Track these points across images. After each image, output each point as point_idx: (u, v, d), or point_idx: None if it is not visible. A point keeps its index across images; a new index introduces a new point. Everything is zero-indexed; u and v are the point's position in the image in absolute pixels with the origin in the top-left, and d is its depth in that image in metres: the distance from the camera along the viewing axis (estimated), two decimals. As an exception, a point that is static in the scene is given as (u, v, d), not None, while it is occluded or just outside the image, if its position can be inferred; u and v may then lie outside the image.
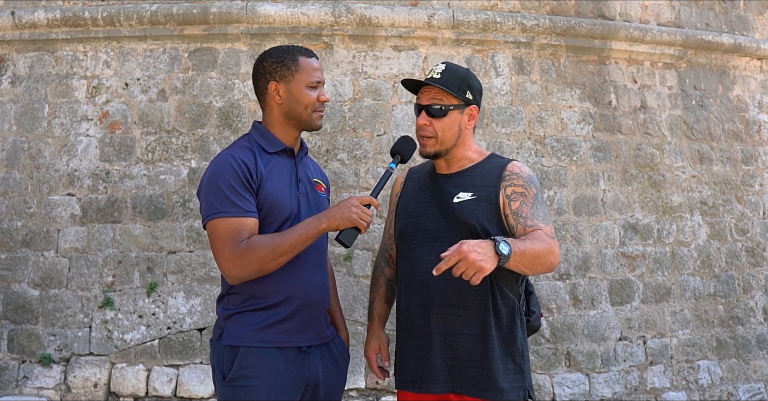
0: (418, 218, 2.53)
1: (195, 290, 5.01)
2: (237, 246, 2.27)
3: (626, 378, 5.29)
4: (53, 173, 5.26)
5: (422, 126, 2.51)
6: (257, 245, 2.27)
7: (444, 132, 2.50)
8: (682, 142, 6.05)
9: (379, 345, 2.59)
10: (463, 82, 2.52)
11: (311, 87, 2.47)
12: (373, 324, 2.65)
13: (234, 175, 2.33)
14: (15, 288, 5.09)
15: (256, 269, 2.29)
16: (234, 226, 2.29)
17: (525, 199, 2.45)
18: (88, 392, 4.86)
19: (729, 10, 6.61)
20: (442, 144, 2.52)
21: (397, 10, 5.39)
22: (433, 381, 2.41)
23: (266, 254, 2.27)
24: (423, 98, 2.54)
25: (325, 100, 2.49)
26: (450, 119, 2.51)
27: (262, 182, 2.37)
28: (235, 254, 2.28)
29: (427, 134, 2.51)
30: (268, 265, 2.29)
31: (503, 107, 5.52)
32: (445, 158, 2.57)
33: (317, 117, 2.49)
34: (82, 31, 5.43)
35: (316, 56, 2.55)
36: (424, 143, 2.53)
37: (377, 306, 2.67)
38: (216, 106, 5.30)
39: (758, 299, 6.01)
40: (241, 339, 2.34)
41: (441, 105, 2.50)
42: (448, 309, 2.41)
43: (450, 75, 2.52)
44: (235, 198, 2.30)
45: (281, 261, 2.30)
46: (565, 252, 5.33)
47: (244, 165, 2.35)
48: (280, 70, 2.47)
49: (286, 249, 2.28)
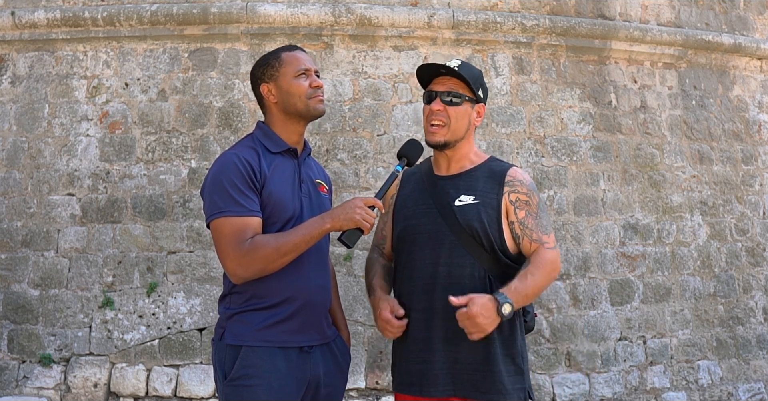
0: (418, 220, 2.52)
1: (195, 290, 5.01)
2: (241, 245, 2.28)
3: (626, 378, 5.29)
4: (53, 173, 5.26)
5: (436, 111, 2.50)
6: (261, 245, 2.27)
7: (457, 121, 2.50)
8: (682, 142, 6.05)
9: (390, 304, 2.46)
10: (477, 80, 2.55)
11: (299, 76, 2.48)
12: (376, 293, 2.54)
13: (238, 174, 2.33)
14: (15, 288, 5.09)
15: (260, 268, 2.29)
16: (238, 225, 2.29)
17: (530, 208, 2.48)
18: (88, 392, 4.86)
19: (729, 10, 6.61)
20: (453, 134, 2.51)
21: (397, 10, 5.39)
22: (434, 385, 2.40)
23: (270, 253, 2.27)
24: (440, 85, 2.54)
25: (317, 85, 2.47)
26: (463, 109, 2.52)
27: (265, 182, 2.38)
28: (239, 253, 2.28)
29: (439, 120, 2.50)
30: (272, 264, 2.29)
31: (503, 107, 5.53)
32: (448, 155, 2.55)
33: (315, 102, 2.47)
34: (82, 31, 5.43)
35: (301, 49, 2.57)
36: (435, 130, 2.51)
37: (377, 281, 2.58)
38: (216, 106, 5.30)
39: (758, 299, 6.01)
40: (243, 338, 2.35)
41: (459, 94, 2.51)
42: (449, 313, 2.41)
43: (467, 70, 2.53)
44: (239, 197, 2.31)
45: (285, 261, 2.30)
46: (565, 252, 5.33)
47: (248, 164, 2.35)
48: (267, 71, 2.51)
49: (290, 249, 2.29)
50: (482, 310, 2.26)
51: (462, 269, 2.43)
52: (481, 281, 2.42)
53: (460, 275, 2.42)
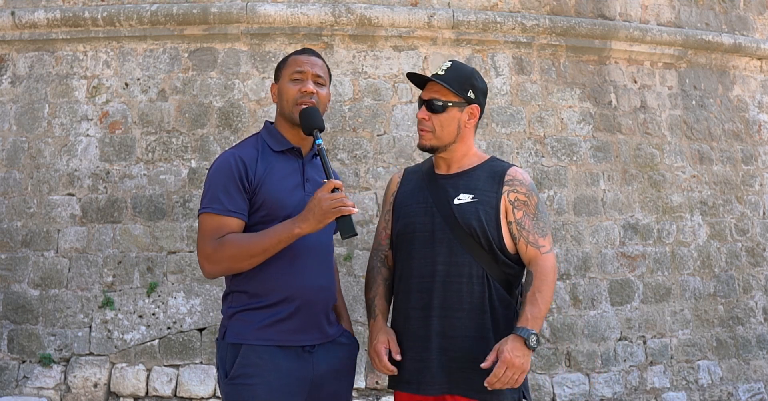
0: (417, 218, 2.52)
1: (195, 290, 5.01)
2: (212, 242, 2.32)
3: (626, 378, 5.28)
4: (53, 173, 5.26)
5: (421, 120, 2.55)
6: (230, 244, 2.30)
7: (442, 128, 2.52)
8: (682, 142, 6.05)
9: (388, 339, 2.51)
10: (466, 81, 2.54)
11: (293, 80, 2.47)
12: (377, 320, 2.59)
13: (229, 174, 2.36)
14: (15, 288, 5.09)
15: (227, 267, 2.33)
16: (215, 222, 2.34)
17: (528, 209, 2.49)
18: (88, 392, 4.86)
19: (729, 10, 6.61)
20: (439, 139, 2.53)
21: (397, 10, 5.39)
22: (430, 383, 2.41)
23: (237, 253, 2.30)
24: (426, 92, 2.57)
25: (305, 90, 2.43)
26: (448, 115, 2.53)
27: (261, 182, 2.38)
28: (209, 250, 2.32)
29: (425, 128, 2.54)
30: (240, 264, 2.32)
31: (503, 107, 5.53)
32: (444, 157, 2.57)
33: (297, 111, 2.43)
34: (82, 31, 5.43)
35: (314, 54, 2.55)
36: (422, 135, 2.56)
37: (378, 303, 2.62)
38: (216, 106, 5.30)
39: (758, 299, 6.01)
40: (243, 336, 2.35)
41: (440, 101, 2.52)
42: (447, 311, 2.41)
43: (454, 73, 2.54)
44: (222, 196, 2.34)
45: (254, 261, 2.31)
46: (565, 252, 5.33)
47: (242, 165, 2.37)
48: (276, 71, 2.57)
49: (258, 251, 2.29)
50: (514, 353, 2.29)
51: (460, 267, 2.43)
52: (479, 279, 2.43)
53: (458, 273, 2.43)
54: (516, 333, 2.33)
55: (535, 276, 2.44)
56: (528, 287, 2.43)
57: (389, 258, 2.68)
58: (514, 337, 2.33)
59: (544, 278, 2.43)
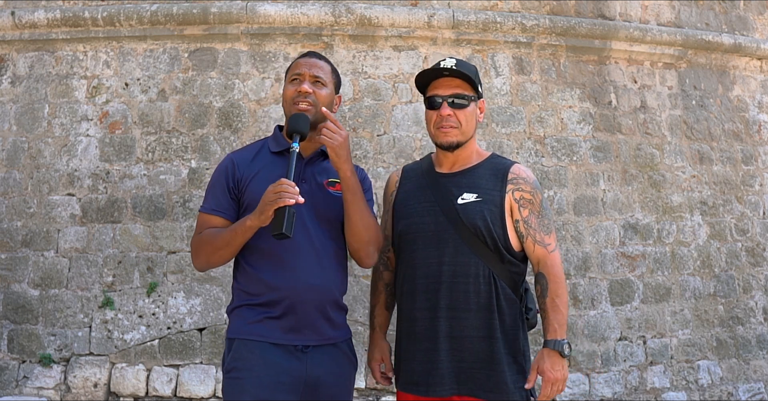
0: (420, 218, 2.50)
1: (195, 290, 5.01)
2: (195, 237, 2.48)
3: (626, 378, 5.28)
4: (53, 173, 5.26)
5: (446, 117, 2.48)
6: (204, 239, 2.44)
7: (467, 122, 2.50)
8: (682, 142, 6.05)
9: (382, 356, 2.63)
10: (476, 76, 2.54)
11: (293, 80, 2.51)
12: (375, 334, 2.65)
13: (220, 176, 2.50)
14: (15, 288, 5.09)
15: (205, 261, 2.46)
16: (201, 220, 2.49)
17: (533, 207, 2.48)
18: (88, 392, 4.86)
19: (729, 10, 6.61)
20: (464, 135, 2.51)
21: (397, 10, 5.38)
22: (440, 384, 2.40)
23: (206, 247, 2.42)
24: (443, 89, 2.51)
25: (299, 90, 2.46)
26: (471, 109, 2.53)
27: (248, 182, 2.45)
28: (192, 244, 2.50)
29: (451, 124, 2.48)
30: (212, 257, 2.43)
31: (503, 107, 5.52)
32: (456, 154, 2.54)
33: (295, 109, 2.46)
34: (82, 31, 5.42)
35: (316, 56, 2.56)
36: (447, 132, 2.49)
37: (378, 314, 2.68)
38: (216, 106, 5.30)
39: (758, 299, 6.01)
40: (237, 331, 2.41)
41: (465, 95, 2.49)
42: (454, 311, 2.40)
43: (466, 68, 2.52)
44: (210, 196, 2.50)
45: (222, 254, 2.41)
46: (565, 252, 5.33)
47: (231, 166, 2.49)
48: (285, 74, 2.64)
49: (221, 245, 2.39)
50: (554, 369, 2.41)
51: (466, 268, 2.42)
52: (485, 279, 2.42)
53: (464, 274, 2.42)
54: (549, 347, 2.39)
55: (550, 280, 2.46)
56: (545, 293, 2.45)
57: (391, 260, 2.66)
58: (548, 352, 2.40)
59: (559, 280, 2.48)
